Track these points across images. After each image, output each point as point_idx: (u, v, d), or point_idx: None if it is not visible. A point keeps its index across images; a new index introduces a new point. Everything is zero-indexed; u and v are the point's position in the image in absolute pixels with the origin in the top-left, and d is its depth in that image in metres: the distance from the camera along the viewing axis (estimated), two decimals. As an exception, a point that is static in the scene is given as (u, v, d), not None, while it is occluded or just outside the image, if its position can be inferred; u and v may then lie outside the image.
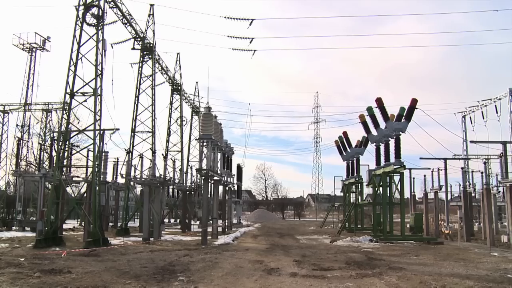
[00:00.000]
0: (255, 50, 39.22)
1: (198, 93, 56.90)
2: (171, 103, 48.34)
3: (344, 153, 35.84)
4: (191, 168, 42.01)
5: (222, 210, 34.21)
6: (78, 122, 27.10)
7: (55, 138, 28.91)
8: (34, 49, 44.49)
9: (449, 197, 34.70)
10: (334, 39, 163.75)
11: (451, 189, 36.18)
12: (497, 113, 42.27)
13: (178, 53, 49.60)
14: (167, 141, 46.89)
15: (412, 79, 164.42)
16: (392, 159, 25.37)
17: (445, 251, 19.33)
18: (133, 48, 36.42)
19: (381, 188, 26.88)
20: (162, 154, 32.97)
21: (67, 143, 23.47)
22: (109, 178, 33.20)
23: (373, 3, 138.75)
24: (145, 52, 36.89)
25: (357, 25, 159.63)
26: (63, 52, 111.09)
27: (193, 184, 38.33)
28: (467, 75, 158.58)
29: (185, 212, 36.07)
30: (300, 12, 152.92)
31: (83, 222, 27.59)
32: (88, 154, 24.58)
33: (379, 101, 25.66)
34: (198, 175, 33.74)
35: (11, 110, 44.88)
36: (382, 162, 26.83)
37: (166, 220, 42.55)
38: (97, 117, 21.86)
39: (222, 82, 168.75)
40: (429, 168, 34.11)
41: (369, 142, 29.58)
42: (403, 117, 25.08)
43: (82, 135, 25.36)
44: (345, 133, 35.64)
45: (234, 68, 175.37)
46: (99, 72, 22.33)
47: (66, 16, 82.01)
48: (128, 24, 33.26)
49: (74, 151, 25.83)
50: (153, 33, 37.57)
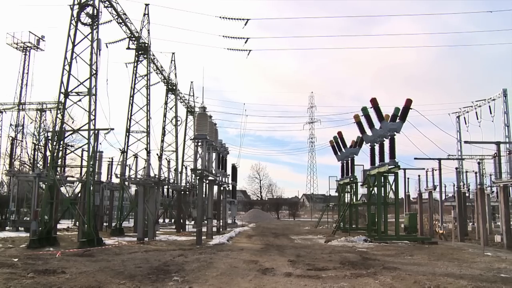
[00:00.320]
0: (250, 50, 39.24)
1: (193, 93, 56.86)
2: (166, 103, 48.26)
3: (339, 153, 35.88)
4: (186, 168, 41.95)
5: (217, 210, 34.18)
6: (73, 122, 27.05)
7: (49, 138, 28.80)
8: (28, 48, 44.37)
9: (443, 197, 34.84)
10: (329, 39, 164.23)
11: (445, 189, 36.32)
12: (491, 114, 42.48)
13: (173, 53, 49.53)
14: (162, 141, 46.79)
15: (407, 80, 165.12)
16: (387, 159, 25.43)
17: (439, 251, 19.39)
18: (128, 48, 36.35)
19: (376, 188, 26.97)
20: (157, 154, 32.93)
21: (62, 143, 23.37)
22: (104, 178, 33.09)
23: (368, 4, 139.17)
24: (140, 52, 36.81)
25: (352, 25, 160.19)
26: (58, 52, 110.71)
27: (188, 184, 38.28)
28: (462, 76, 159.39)
29: (180, 212, 36.00)
30: (295, 12, 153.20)
31: (78, 222, 27.51)
32: (83, 154, 24.54)
33: (374, 102, 25.72)
34: (193, 175, 33.67)
35: (5, 110, 44.76)
36: (377, 162, 26.88)
37: (161, 220, 42.49)
38: (92, 117, 21.79)
39: (217, 82, 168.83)
40: (424, 168, 34.29)
41: (364, 142, 29.64)
42: (398, 118, 25.15)
43: (77, 135, 25.30)
44: (340, 133, 35.69)
45: (229, 68, 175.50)
46: (94, 72, 22.25)
47: (61, 15, 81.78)
48: (123, 24, 33.17)
49: (69, 151, 25.73)
50: (148, 33, 37.53)
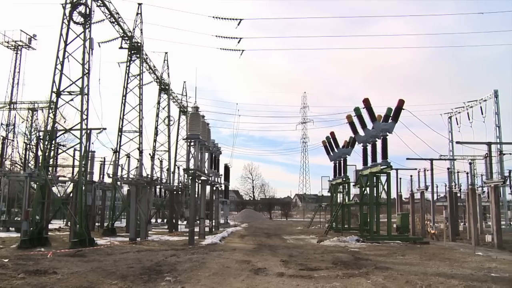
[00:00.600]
0: (243, 50, 39.23)
1: (186, 93, 56.75)
2: (159, 103, 48.13)
3: (332, 154, 35.97)
4: (178, 168, 41.89)
5: (209, 210, 34.13)
6: (65, 121, 26.88)
7: (41, 137, 28.61)
8: (20, 47, 44.02)
9: (435, 197, 35.04)
10: (322, 40, 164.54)
11: (437, 190, 36.55)
12: (482, 114, 42.79)
13: (166, 53, 49.43)
14: (154, 141, 46.65)
15: (399, 80, 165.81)
16: (379, 160, 25.53)
17: (431, 251, 19.49)
18: (121, 47, 36.20)
19: (368, 188, 27.04)
20: (149, 154, 32.83)
21: (53, 143, 23.26)
22: (96, 178, 33.00)
23: (361, 4, 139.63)
24: (133, 51, 36.67)
25: (345, 26, 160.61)
26: (50, 51, 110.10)
27: (180, 184, 38.20)
28: (454, 76, 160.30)
29: (172, 212, 35.92)
30: (288, 13, 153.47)
31: (69, 222, 27.37)
32: (75, 154, 24.38)
33: (367, 102, 25.80)
34: (186, 175, 33.63)
35: (-4, 109, 44.33)
36: (369, 163, 26.98)
37: (153, 220, 42.38)
38: (84, 116, 21.69)
39: (210, 82, 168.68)
40: (416, 169, 34.41)
41: (356, 143, 29.73)
42: (390, 118, 25.25)
43: (69, 134, 25.12)
44: (333, 134, 35.78)
45: (222, 68, 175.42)
46: (86, 71, 22.15)
47: (53, 14, 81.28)
48: (116, 23, 33.04)
49: (60, 151, 25.64)
50: (141, 32, 37.40)
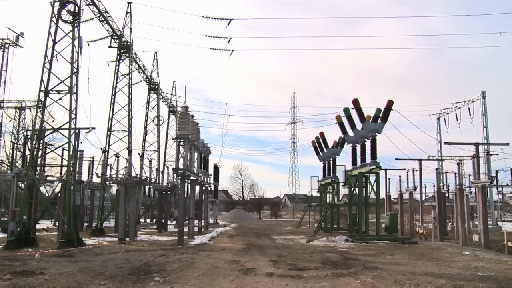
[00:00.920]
0: (233, 50, 39.24)
1: (176, 93, 56.69)
2: (148, 102, 48.00)
3: (321, 154, 36.05)
4: (168, 168, 41.73)
5: (199, 210, 34.12)
6: (53, 121, 26.75)
7: (29, 137, 28.36)
8: (7, 45, 43.56)
9: (424, 198, 35.25)
10: (312, 40, 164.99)
11: (426, 190, 36.76)
12: (470, 115, 43.24)
13: (156, 52, 49.35)
14: (144, 141, 46.49)
15: (389, 81, 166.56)
16: (368, 160, 25.61)
17: (419, 251, 19.61)
18: (110, 46, 36.07)
19: (357, 189, 27.15)
20: (139, 154, 32.78)
21: (41, 142, 23.06)
22: (85, 178, 32.78)
23: (351, 5, 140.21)
24: (122, 51, 36.54)
25: (335, 26, 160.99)
26: (38, 49, 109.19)
27: (170, 184, 38.09)
28: (442, 78, 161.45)
29: (161, 212, 35.81)
30: (278, 13, 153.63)
31: (57, 222, 27.15)
32: (63, 153, 24.25)
33: (356, 102, 25.88)
34: (175, 175, 33.55)
35: (-17, 108, 43.86)
36: (358, 163, 27.05)
37: (142, 220, 42.24)
38: (73, 116, 21.55)
39: (200, 82, 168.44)
40: (404, 169, 34.63)
41: (346, 143, 29.79)
42: (379, 118, 25.35)
43: (57, 134, 24.95)
44: (322, 134, 35.87)
45: (212, 68, 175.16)
46: (75, 70, 22.01)
47: (41, 12, 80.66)
48: (105, 22, 32.90)
49: (49, 150, 25.44)
50: (131, 32, 37.28)
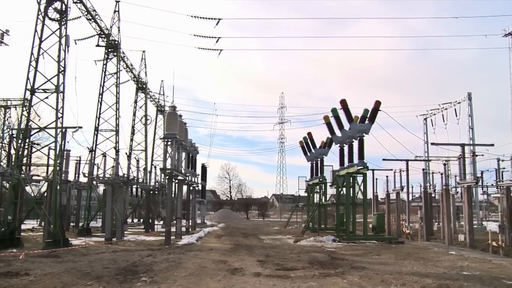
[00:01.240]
0: (221, 50, 39.26)
1: (163, 92, 56.47)
2: (136, 102, 47.80)
3: (309, 154, 36.15)
4: (155, 168, 41.55)
5: (186, 210, 34.03)
6: (39, 120, 26.50)
7: (14, 136, 28.08)
8: (-8, 43, 43.05)
9: (410, 198, 35.52)
10: (300, 40, 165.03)
11: (412, 190, 37.03)
12: (457, 116, 43.72)
13: (144, 51, 49.22)
14: (131, 140, 46.30)
15: (376, 81, 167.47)
16: (356, 160, 25.74)
17: (406, 251, 19.76)
18: (98, 45, 35.85)
19: (345, 189, 27.25)
20: (126, 153, 32.64)
21: (27, 141, 22.83)
22: (71, 177, 32.54)
23: (338, 5, 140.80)
24: (110, 50, 36.34)
25: (323, 27, 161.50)
26: (24, 47, 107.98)
27: (157, 184, 37.92)
28: (429, 79, 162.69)
29: (149, 212, 35.66)
30: (267, 13, 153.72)
31: (43, 223, 26.91)
32: (49, 153, 24.01)
33: (344, 103, 25.98)
34: (162, 175, 33.41)
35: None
36: (346, 163, 27.17)
37: (129, 220, 42.03)
38: (59, 115, 21.36)
39: (188, 81, 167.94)
40: (392, 169, 34.85)
41: (333, 143, 29.93)
42: (367, 119, 25.49)
43: (43, 133, 24.79)
44: (310, 134, 35.97)
45: (201, 68, 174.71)
46: (62, 69, 21.82)
47: (27, 9, 79.81)
48: (93, 20, 32.66)
49: (35, 149, 25.19)
50: (118, 30, 37.09)
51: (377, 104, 25.40)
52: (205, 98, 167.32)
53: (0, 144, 34.16)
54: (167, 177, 24.54)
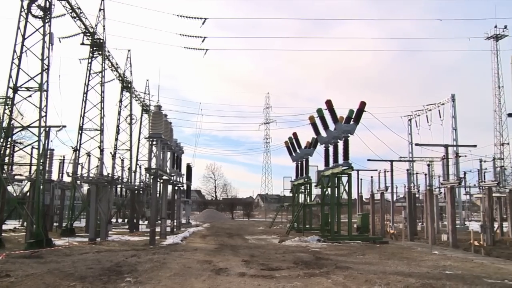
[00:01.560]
0: (207, 49, 39.30)
1: (149, 91, 56.26)
2: (121, 101, 47.50)
3: (294, 154, 36.21)
4: (140, 167, 41.31)
5: (171, 210, 33.85)
6: (22, 118, 26.18)
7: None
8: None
9: (395, 198, 35.86)
10: (286, 41, 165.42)
11: (397, 190, 37.48)
12: (441, 118, 44.22)
13: (129, 50, 48.95)
14: (116, 139, 45.97)
15: (361, 82, 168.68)
16: (341, 161, 25.85)
17: (390, 250, 19.91)
18: (82, 43, 35.57)
19: (329, 189, 27.37)
20: (111, 153, 32.33)
21: (9, 140, 22.52)
22: (55, 177, 32.21)
23: (324, 6, 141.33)
24: (95, 48, 36.07)
25: (309, 27, 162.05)
26: (6, 44, 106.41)
27: (142, 184, 37.70)
28: (414, 80, 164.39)
29: (133, 212, 35.41)
30: (253, 13, 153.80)
31: (26, 223, 26.57)
32: (32, 152, 23.72)
33: (329, 103, 26.08)
34: (147, 174, 33.23)
35: None
36: (331, 163, 27.28)
37: (114, 220, 41.71)
38: (43, 114, 21.09)
39: (174, 81, 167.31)
40: (376, 170, 35.13)
41: (319, 144, 30.02)
42: (352, 120, 25.62)
43: (26, 132, 24.53)
44: (295, 134, 36.04)
45: (186, 67, 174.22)
46: (46, 67, 21.54)
47: (10, 5, 78.69)
48: (77, 18, 32.37)
49: (17, 148, 24.87)
50: (104, 29, 36.82)
51: (362, 105, 25.56)
52: (191, 98, 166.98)
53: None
54: (152, 177, 24.40)
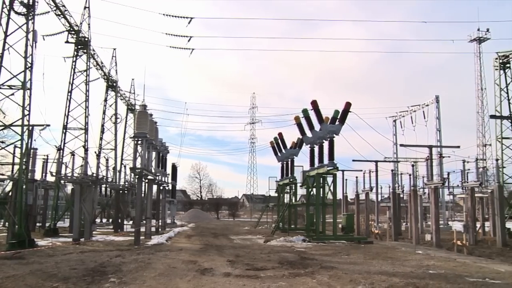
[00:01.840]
0: (193, 49, 39.15)
1: (134, 91, 55.90)
2: (106, 100, 47.12)
3: (279, 154, 36.25)
4: (125, 167, 41.07)
5: (156, 210, 33.71)
6: (4, 117, 25.72)
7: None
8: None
9: (379, 198, 36.06)
10: (272, 41, 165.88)
11: (381, 191, 37.67)
12: (425, 119, 44.74)
13: (114, 49, 48.59)
14: (101, 139, 45.56)
15: (347, 83, 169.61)
16: (326, 161, 25.93)
17: (375, 250, 20.03)
18: (67, 42, 35.17)
19: (315, 189, 27.43)
20: (95, 152, 32.09)
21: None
22: (38, 176, 31.82)
23: (311, 7, 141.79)
24: (80, 46, 35.70)
25: (295, 28, 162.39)
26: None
27: (127, 183, 37.43)
28: (399, 81, 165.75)
29: (118, 212, 35.16)
30: (239, 13, 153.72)
31: (7, 223, 26.23)
32: (15, 151, 23.41)
33: (314, 104, 26.15)
34: (132, 174, 33.04)
35: None
36: (316, 164, 27.35)
37: (98, 220, 41.37)
38: (26, 112, 20.83)
39: (159, 80, 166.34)
40: (361, 170, 35.34)
41: (304, 144, 30.10)
42: (337, 120, 25.73)
43: (8, 131, 24.06)
44: (280, 134, 36.08)
45: (172, 67, 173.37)
46: (29, 65, 21.29)
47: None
48: (62, 16, 32.03)
49: (-1, 147, 24.50)
50: (89, 27, 36.47)
51: (348, 106, 25.68)
52: (176, 97, 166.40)
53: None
54: (137, 177, 24.27)
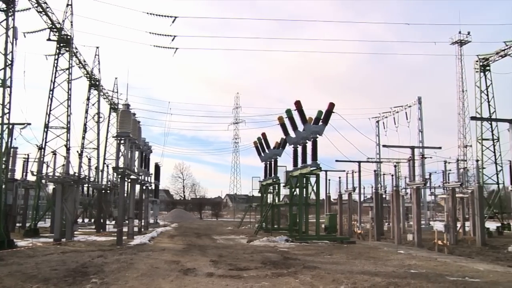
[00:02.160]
0: (177, 48, 39.06)
1: (117, 90, 55.50)
2: (88, 99, 46.76)
3: (263, 154, 36.30)
4: (108, 166, 40.72)
5: (139, 210, 33.49)
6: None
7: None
8: None
9: (362, 199, 36.37)
10: (256, 41, 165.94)
11: (364, 191, 37.98)
12: (407, 120, 45.20)
13: (97, 47, 48.19)
14: (83, 138, 45.26)
15: (330, 84, 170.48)
16: (309, 161, 26.00)
17: (357, 250, 20.16)
18: (49, 39, 34.81)
19: (298, 189, 27.52)
20: (77, 151, 31.80)
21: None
22: (18, 176, 31.41)
23: (295, 7, 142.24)
24: (62, 44, 35.34)
25: (279, 28, 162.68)
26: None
27: (109, 183, 37.14)
28: (382, 82, 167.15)
29: (100, 212, 34.86)
30: (223, 13, 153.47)
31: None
32: (-6, 150, 23.07)
33: (298, 104, 26.20)
34: (115, 174, 32.77)
35: None
36: (299, 164, 27.41)
37: (80, 220, 40.94)
38: (6, 110, 20.53)
39: (143, 79, 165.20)
40: (344, 170, 35.55)
41: (287, 144, 30.17)
42: (321, 121, 25.81)
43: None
44: (264, 134, 36.13)
45: (156, 66, 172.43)
46: (9, 62, 20.98)
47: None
48: (44, 13, 31.66)
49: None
50: (71, 25, 36.10)
51: (331, 106, 25.78)
52: (160, 97, 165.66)
53: None
54: (120, 176, 24.09)
